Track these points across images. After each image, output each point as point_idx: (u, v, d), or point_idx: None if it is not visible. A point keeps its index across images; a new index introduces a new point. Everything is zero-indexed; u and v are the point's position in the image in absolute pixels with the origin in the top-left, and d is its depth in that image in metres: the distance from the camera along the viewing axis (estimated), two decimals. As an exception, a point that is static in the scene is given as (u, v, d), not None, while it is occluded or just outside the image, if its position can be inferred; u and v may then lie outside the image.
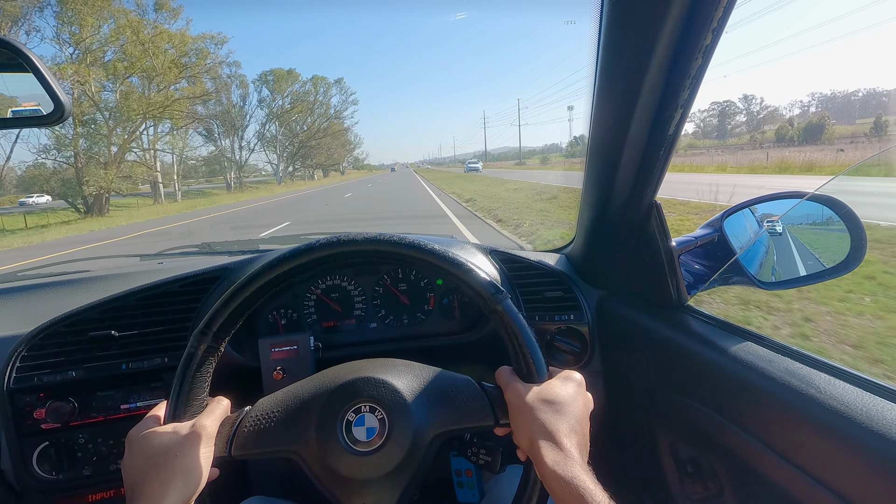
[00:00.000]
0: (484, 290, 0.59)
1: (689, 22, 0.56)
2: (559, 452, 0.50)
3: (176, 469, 0.50)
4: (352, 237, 0.60)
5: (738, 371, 0.68)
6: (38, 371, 0.88)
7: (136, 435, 0.54)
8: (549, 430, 0.52)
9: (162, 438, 0.53)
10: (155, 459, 0.51)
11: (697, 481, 0.80)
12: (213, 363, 0.59)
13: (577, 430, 0.54)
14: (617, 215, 0.90)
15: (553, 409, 0.54)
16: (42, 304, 1.12)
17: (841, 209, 0.80)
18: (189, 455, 0.52)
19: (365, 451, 0.55)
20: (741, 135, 71.67)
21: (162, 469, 0.50)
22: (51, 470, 0.88)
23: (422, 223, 9.50)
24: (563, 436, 0.52)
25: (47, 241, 11.75)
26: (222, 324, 0.57)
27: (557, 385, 0.57)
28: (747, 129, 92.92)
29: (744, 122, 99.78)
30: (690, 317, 0.87)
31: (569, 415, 0.54)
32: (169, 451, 0.51)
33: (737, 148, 52.80)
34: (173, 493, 0.49)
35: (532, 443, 0.52)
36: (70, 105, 0.64)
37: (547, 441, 0.51)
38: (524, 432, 0.54)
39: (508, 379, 0.59)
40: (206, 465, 0.53)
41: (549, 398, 0.55)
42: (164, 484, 0.49)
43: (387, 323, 1.10)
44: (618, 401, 1.00)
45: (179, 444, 0.52)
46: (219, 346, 0.58)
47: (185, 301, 0.97)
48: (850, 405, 0.54)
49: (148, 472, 0.50)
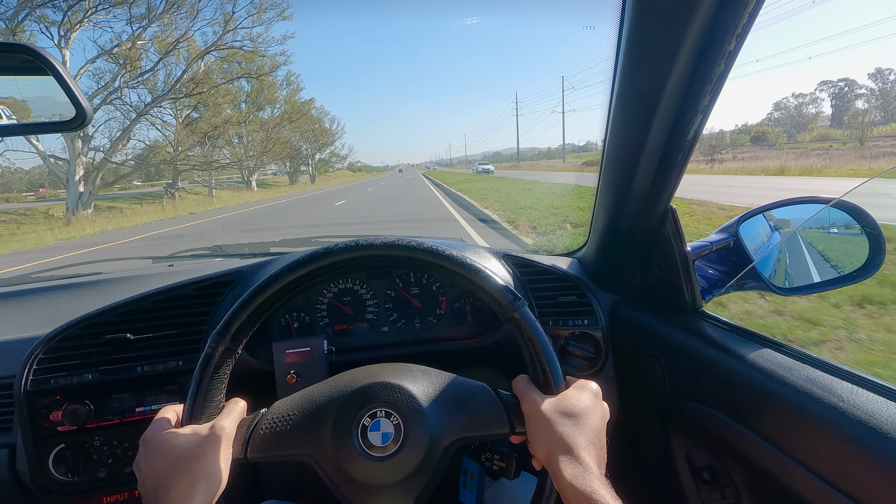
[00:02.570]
0: (501, 296, 0.59)
1: (712, 28, 0.56)
2: (577, 466, 0.50)
3: (199, 472, 0.50)
4: (370, 241, 0.60)
5: (755, 378, 0.68)
6: (55, 374, 0.89)
7: (152, 437, 0.54)
8: (567, 444, 0.52)
9: (182, 440, 0.53)
10: (178, 462, 0.51)
11: (714, 489, 0.79)
12: (230, 365, 0.59)
13: (595, 442, 0.53)
14: (632, 220, 0.89)
15: (571, 422, 0.54)
16: (57, 307, 1.13)
17: (859, 215, 0.80)
18: (211, 457, 0.52)
19: (380, 456, 0.55)
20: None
21: (185, 472, 0.50)
22: (66, 472, 0.89)
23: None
24: (581, 449, 0.51)
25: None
26: (240, 325, 0.57)
27: (574, 396, 0.57)
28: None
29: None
30: (706, 322, 0.86)
31: (587, 427, 0.54)
32: (191, 454, 0.51)
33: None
34: (199, 495, 0.49)
35: (550, 455, 0.52)
36: (91, 111, 0.64)
37: (565, 454, 0.51)
38: (541, 444, 0.54)
39: (525, 389, 0.58)
40: (227, 467, 0.53)
41: (566, 410, 0.55)
42: (188, 486, 0.49)
43: (399, 327, 1.10)
44: (632, 406, 1.00)
45: (200, 446, 0.52)
46: (236, 348, 0.58)
47: (199, 304, 0.97)
48: (873, 414, 0.53)
49: (171, 475, 0.50)
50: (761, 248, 0.90)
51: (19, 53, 0.65)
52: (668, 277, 0.90)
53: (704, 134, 1.38)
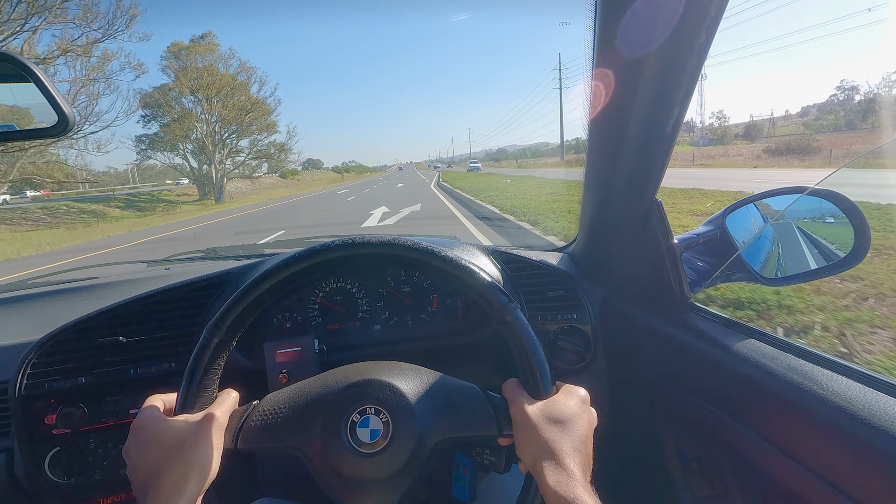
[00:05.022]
0: (495, 298, 0.59)
1: (682, 21, 0.56)
2: (562, 472, 0.50)
3: (192, 460, 0.51)
4: (367, 239, 0.60)
5: (740, 368, 0.68)
6: (49, 377, 0.90)
7: (143, 424, 0.54)
8: (552, 450, 0.52)
9: (175, 429, 0.53)
10: (170, 451, 0.51)
11: (702, 479, 0.80)
12: (224, 357, 0.59)
13: (580, 449, 0.53)
14: (618, 214, 0.90)
15: (557, 428, 0.54)
16: (52, 312, 1.14)
17: (842, 203, 0.80)
18: (203, 446, 0.52)
19: (368, 452, 0.55)
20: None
21: (178, 460, 0.51)
22: (63, 475, 0.90)
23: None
24: (566, 455, 0.52)
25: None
26: (235, 318, 0.58)
27: (562, 401, 0.57)
28: None
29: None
30: (694, 314, 0.87)
31: (573, 433, 0.54)
32: (184, 443, 0.52)
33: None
34: (191, 483, 0.50)
35: (535, 461, 0.52)
36: (74, 117, 0.65)
37: (550, 460, 0.51)
38: (527, 449, 0.54)
39: (514, 392, 0.58)
40: (219, 456, 0.54)
41: (553, 416, 0.55)
42: (181, 475, 0.50)
43: (391, 325, 1.10)
44: (622, 399, 1.00)
45: (193, 434, 0.53)
46: (231, 341, 0.59)
47: (190, 306, 0.98)
48: (852, 401, 0.54)
49: (164, 463, 0.51)
50: (748, 239, 0.91)
51: (3, 63, 0.66)
52: (656, 271, 0.90)
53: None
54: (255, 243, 1.60)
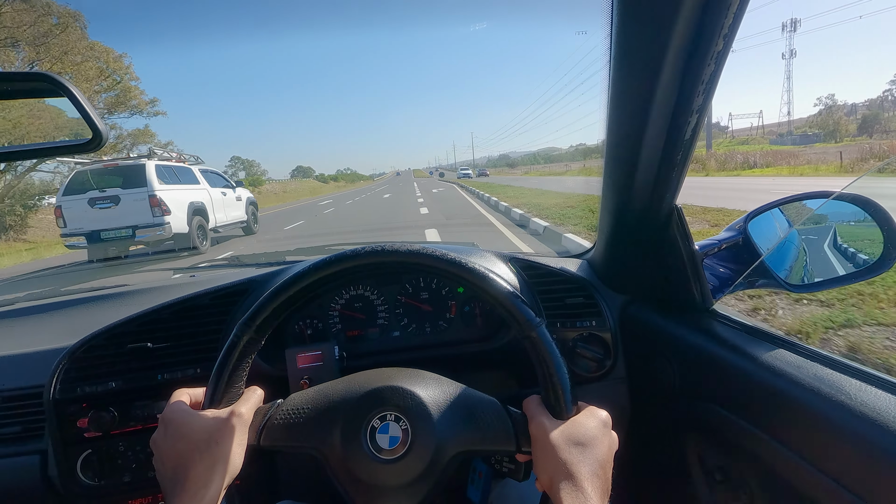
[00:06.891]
0: (521, 314, 0.59)
1: (699, 29, 0.56)
2: (579, 496, 0.50)
3: (218, 455, 0.52)
4: (396, 248, 0.61)
5: (765, 377, 0.67)
6: (81, 382, 0.93)
7: (172, 417, 0.55)
8: (570, 472, 0.52)
9: (203, 423, 0.54)
10: (198, 444, 0.53)
11: (727, 490, 0.78)
12: (252, 356, 0.61)
13: (599, 473, 0.53)
14: (637, 220, 0.89)
15: (577, 450, 0.53)
16: (83, 318, 1.18)
17: (870, 207, 0.78)
18: (229, 441, 0.54)
19: (386, 458, 0.56)
20: None
21: (205, 454, 0.52)
22: (93, 477, 0.93)
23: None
24: (584, 479, 0.51)
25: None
26: (265, 318, 0.59)
27: (583, 423, 0.56)
28: None
29: None
30: (716, 321, 0.85)
31: (592, 457, 0.53)
32: (211, 438, 0.53)
33: None
34: (217, 477, 0.51)
35: (552, 482, 0.52)
36: (108, 132, 0.68)
37: (567, 482, 0.51)
38: (545, 470, 0.53)
39: (535, 411, 0.58)
40: (243, 452, 0.55)
41: (573, 437, 0.54)
42: (207, 469, 0.51)
43: (409, 331, 1.11)
44: (643, 407, 0.99)
45: (220, 430, 0.54)
46: (260, 339, 0.60)
47: (215, 313, 1.01)
48: (882, 412, 0.52)
49: (192, 457, 0.52)
50: (771, 245, 0.89)
51: (41, 82, 0.70)
52: (676, 277, 0.89)
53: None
54: (277, 251, 1.63)
